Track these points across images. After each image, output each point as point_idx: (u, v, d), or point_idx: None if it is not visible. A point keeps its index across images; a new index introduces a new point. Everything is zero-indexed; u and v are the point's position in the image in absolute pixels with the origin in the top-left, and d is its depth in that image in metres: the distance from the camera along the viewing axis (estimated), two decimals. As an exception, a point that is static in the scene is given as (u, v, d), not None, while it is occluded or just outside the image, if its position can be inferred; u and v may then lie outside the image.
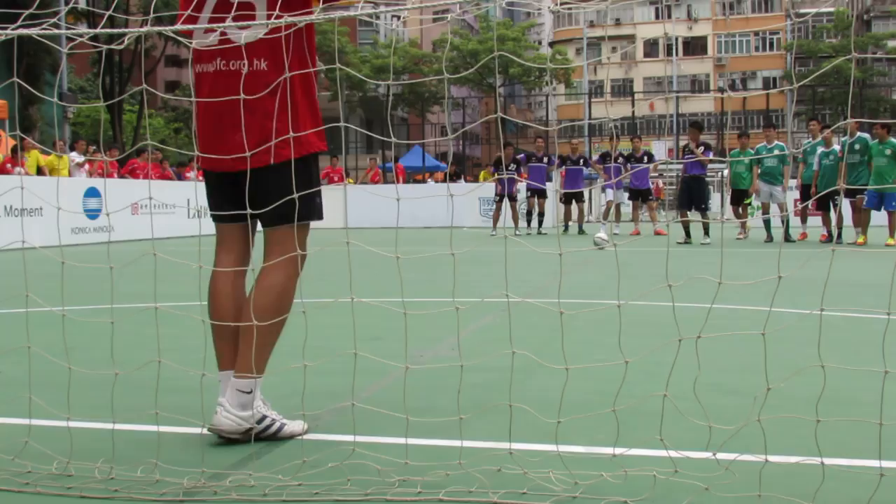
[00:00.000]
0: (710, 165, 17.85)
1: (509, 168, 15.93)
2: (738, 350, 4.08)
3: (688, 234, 13.93)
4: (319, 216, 2.86)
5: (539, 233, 16.86)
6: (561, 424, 2.43)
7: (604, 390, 3.00)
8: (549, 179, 17.69)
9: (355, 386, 3.39)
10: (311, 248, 3.29)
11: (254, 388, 2.68)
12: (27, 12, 2.78)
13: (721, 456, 2.29)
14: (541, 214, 17.08)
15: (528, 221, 17.36)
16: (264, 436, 2.70)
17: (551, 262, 8.58)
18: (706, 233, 13.56)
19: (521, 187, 17.45)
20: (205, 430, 2.65)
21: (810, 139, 14.00)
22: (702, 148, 13.64)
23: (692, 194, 13.80)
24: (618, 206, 17.13)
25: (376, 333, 4.51)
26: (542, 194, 16.68)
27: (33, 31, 2.67)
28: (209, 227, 2.97)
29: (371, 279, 4.42)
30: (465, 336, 4.59)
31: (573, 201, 17.45)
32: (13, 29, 2.65)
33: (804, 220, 14.62)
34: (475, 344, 4.40)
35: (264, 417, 2.72)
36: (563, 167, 17.18)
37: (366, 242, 2.48)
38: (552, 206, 17.43)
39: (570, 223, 17.46)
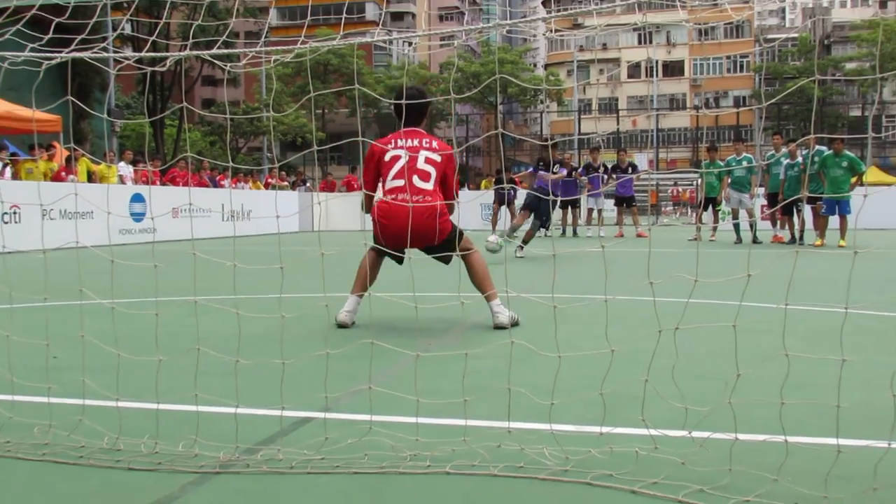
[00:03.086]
0: (682, 175, 17.62)
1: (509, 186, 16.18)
2: (712, 340, 4.07)
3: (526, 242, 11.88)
4: (462, 234, 4.59)
5: (555, 235, 16.93)
6: (554, 406, 2.44)
7: (592, 375, 3.00)
8: (580, 189, 17.51)
9: (372, 371, 3.40)
10: (333, 248, 3.32)
11: (501, 302, 4.49)
12: (79, 38, 2.80)
13: (696, 434, 2.29)
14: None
15: (563, 231, 17.39)
16: (516, 322, 4.44)
17: (545, 261, 8.57)
18: (523, 245, 10.83)
19: (521, 195, 17.49)
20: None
21: (774, 152, 13.92)
22: (557, 166, 12.02)
23: (540, 207, 10.87)
24: (600, 212, 17.15)
25: (391, 324, 4.52)
26: (574, 204, 16.65)
27: (85, 55, 2.68)
28: (242, 229, 2.99)
29: (385, 277, 4.42)
30: (469, 327, 4.59)
31: (569, 207, 17.48)
32: (67, 52, 2.66)
33: (774, 224, 14.52)
34: (478, 334, 4.40)
35: (512, 315, 4.47)
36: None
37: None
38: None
39: (566, 226, 17.53)
